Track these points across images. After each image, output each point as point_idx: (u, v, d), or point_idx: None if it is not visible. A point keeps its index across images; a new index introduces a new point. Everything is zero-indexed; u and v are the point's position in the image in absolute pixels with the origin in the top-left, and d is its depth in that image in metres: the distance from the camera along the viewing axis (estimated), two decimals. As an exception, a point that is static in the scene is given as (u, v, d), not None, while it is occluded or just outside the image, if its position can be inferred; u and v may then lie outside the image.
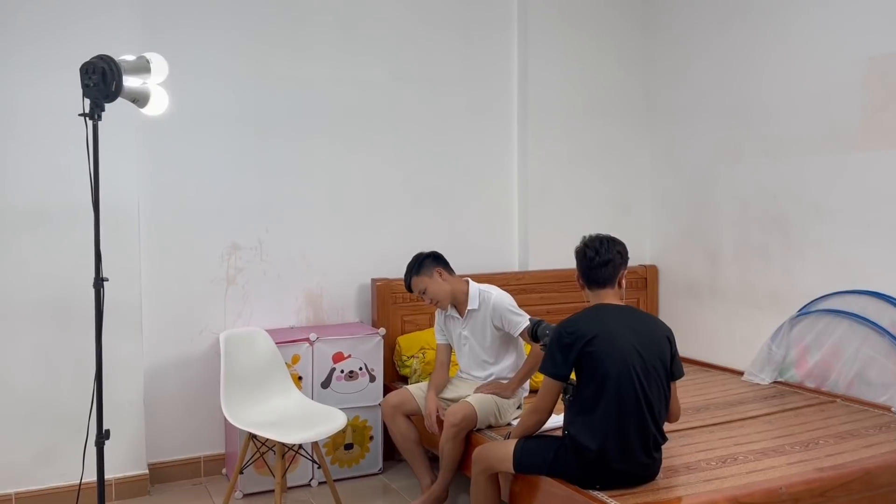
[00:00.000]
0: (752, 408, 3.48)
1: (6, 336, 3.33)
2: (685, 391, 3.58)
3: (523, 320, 3.24)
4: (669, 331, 2.63)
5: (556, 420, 2.71)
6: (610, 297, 2.62)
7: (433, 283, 3.35)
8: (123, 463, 3.54)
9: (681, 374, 2.62)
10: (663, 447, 2.58)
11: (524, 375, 3.28)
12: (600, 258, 2.60)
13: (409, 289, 3.41)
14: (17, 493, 3.36)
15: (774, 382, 3.85)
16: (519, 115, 4.55)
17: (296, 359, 3.69)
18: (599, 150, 4.70)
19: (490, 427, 3.23)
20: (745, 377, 3.97)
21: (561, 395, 2.59)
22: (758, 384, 3.86)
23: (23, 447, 3.36)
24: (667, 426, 2.61)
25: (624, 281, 2.67)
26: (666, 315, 4.60)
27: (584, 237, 2.69)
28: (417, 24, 4.30)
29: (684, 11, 4.51)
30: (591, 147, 4.68)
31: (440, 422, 3.23)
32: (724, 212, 4.28)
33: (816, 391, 3.66)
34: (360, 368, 3.82)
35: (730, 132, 4.22)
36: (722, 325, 4.32)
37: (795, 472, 2.62)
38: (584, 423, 2.48)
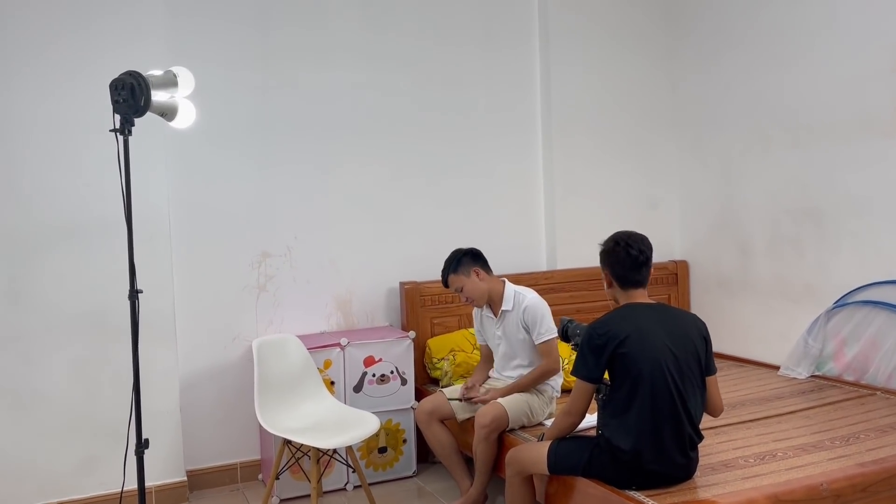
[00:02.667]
0: (789, 403, 3.42)
1: (45, 349, 3.39)
2: (721, 386, 3.53)
3: (548, 334, 3.24)
4: (704, 327, 2.58)
5: (590, 420, 2.69)
6: (642, 295, 2.58)
7: (469, 282, 3.35)
8: (162, 471, 3.59)
9: (713, 371, 2.58)
10: (699, 445, 2.55)
11: (527, 382, 3.24)
12: (644, 256, 2.53)
13: (446, 284, 3.42)
14: (59, 503, 3.42)
15: (812, 376, 3.79)
16: (543, 114, 4.53)
17: (327, 364, 3.71)
18: (625, 146, 4.66)
19: (524, 427, 3.23)
20: (781, 372, 3.91)
21: (594, 395, 2.56)
22: (795, 378, 3.80)
23: (64, 457, 3.43)
24: (703, 423, 2.56)
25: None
26: (698, 310, 4.54)
27: (615, 235, 2.60)
28: (439, 27, 4.30)
29: (708, 2, 4.45)
30: (617, 143, 4.64)
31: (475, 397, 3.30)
32: (755, 204, 4.22)
33: (855, 384, 3.59)
34: (392, 372, 3.83)
35: (758, 123, 4.16)
36: (756, 319, 4.26)
37: (836, 468, 2.58)
38: (619, 425, 2.45)
